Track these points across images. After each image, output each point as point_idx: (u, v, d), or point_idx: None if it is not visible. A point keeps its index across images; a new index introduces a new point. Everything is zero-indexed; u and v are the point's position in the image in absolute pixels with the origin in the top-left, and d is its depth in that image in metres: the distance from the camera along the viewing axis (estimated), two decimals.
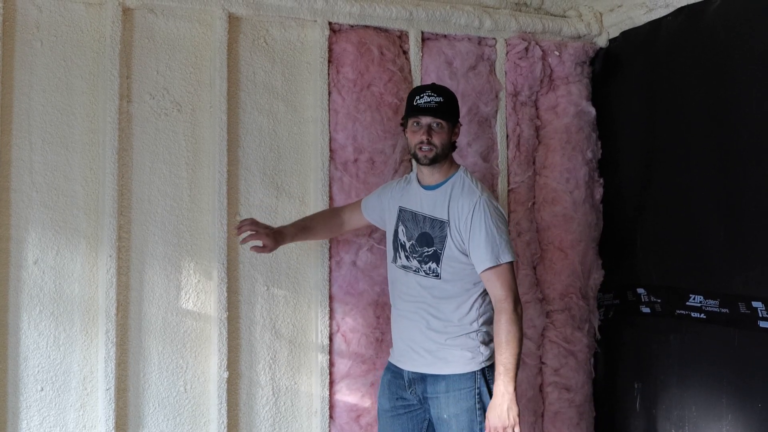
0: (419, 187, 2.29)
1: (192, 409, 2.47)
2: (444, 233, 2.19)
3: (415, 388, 2.23)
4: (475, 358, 2.18)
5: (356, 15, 2.67)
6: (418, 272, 2.24)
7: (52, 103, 2.35)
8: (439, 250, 2.19)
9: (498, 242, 2.12)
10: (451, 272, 2.19)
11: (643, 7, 2.81)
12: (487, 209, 2.15)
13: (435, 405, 2.20)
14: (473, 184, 2.21)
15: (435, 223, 2.21)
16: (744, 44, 2.39)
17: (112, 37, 2.38)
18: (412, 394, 2.24)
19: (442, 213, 2.20)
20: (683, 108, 2.62)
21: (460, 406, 2.15)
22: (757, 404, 2.33)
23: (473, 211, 2.15)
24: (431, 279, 2.21)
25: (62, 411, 2.32)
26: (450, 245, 2.18)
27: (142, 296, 2.42)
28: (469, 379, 2.16)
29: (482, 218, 2.13)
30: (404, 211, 2.29)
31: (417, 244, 2.24)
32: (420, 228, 2.24)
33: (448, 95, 2.25)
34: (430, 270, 2.21)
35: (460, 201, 2.18)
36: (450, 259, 2.18)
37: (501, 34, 2.89)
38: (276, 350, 2.58)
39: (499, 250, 2.12)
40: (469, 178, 2.24)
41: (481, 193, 2.18)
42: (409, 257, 2.25)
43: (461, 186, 2.21)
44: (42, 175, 2.32)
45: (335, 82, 2.66)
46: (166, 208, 2.46)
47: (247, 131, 2.58)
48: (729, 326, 2.41)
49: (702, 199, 2.53)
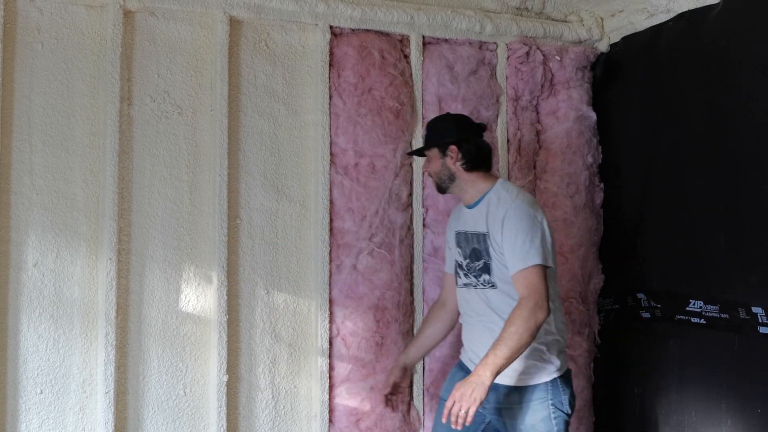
0: (464, 207, 2.36)
1: (191, 412, 2.47)
2: (487, 245, 2.22)
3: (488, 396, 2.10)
4: (547, 369, 2.19)
5: (357, 19, 2.67)
6: (477, 287, 2.27)
7: (52, 106, 2.34)
8: (488, 261, 2.23)
9: (528, 245, 2.11)
10: (502, 281, 2.20)
11: (644, 13, 2.81)
12: (517, 214, 2.15)
13: (509, 415, 2.21)
14: (508, 193, 2.23)
15: (480, 237, 2.25)
16: (745, 50, 2.39)
17: (113, 40, 2.38)
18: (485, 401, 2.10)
19: (482, 226, 2.24)
20: (684, 113, 2.63)
21: (536, 416, 2.17)
22: (757, 410, 2.33)
23: (504, 218, 2.16)
24: (488, 290, 2.24)
25: (61, 414, 2.31)
26: (493, 255, 2.21)
27: (142, 299, 2.41)
28: (541, 390, 2.18)
29: (512, 222, 2.15)
30: (458, 234, 2.36)
31: (470, 260, 2.29)
32: (470, 245, 2.29)
33: (432, 125, 2.39)
34: (486, 282, 2.24)
35: (495, 210, 2.21)
36: (498, 269, 2.21)
37: (502, 38, 2.90)
38: (276, 354, 2.57)
39: (527, 252, 2.11)
40: (506, 189, 2.25)
41: (514, 200, 2.19)
42: (468, 275, 2.30)
43: (497, 198, 2.24)
44: (42, 178, 2.32)
45: (336, 85, 2.66)
46: (167, 211, 2.46)
47: (247, 134, 2.58)
48: (729, 332, 2.41)
49: (702, 205, 2.53)
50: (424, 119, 2.79)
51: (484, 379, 2.00)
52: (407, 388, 2.62)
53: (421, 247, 2.77)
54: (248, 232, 2.56)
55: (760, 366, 2.32)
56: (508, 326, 2.04)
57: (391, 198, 2.69)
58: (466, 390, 2.00)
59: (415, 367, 2.72)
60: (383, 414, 2.63)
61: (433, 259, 2.78)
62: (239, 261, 2.53)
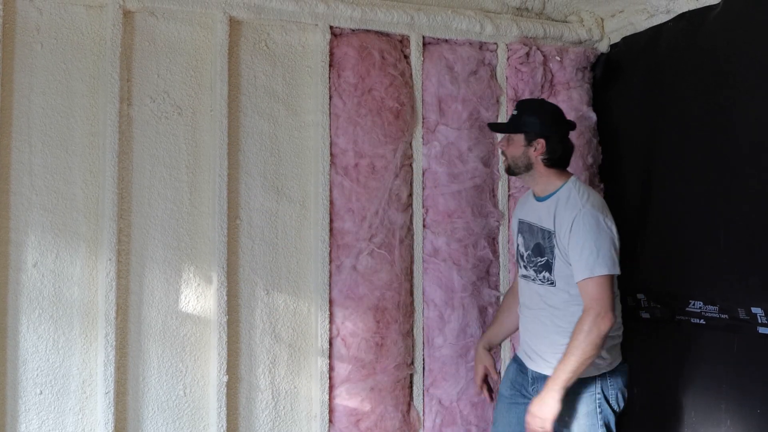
0: (533, 198, 2.34)
1: (191, 412, 2.46)
2: (552, 243, 2.22)
3: (537, 386, 2.26)
4: (596, 364, 2.19)
5: (357, 19, 2.66)
6: (535, 281, 2.28)
7: (52, 106, 2.34)
8: (551, 260, 2.23)
9: (595, 255, 2.11)
10: (564, 280, 2.21)
11: (645, 13, 2.81)
12: (586, 221, 2.14)
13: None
14: (578, 195, 2.21)
15: (545, 234, 2.25)
16: (745, 51, 2.39)
17: (113, 40, 2.38)
18: (534, 391, 2.28)
19: (549, 224, 2.24)
20: (684, 114, 2.62)
21: (581, 409, 2.20)
22: (756, 410, 2.33)
23: (573, 222, 2.16)
24: (547, 287, 2.25)
25: (61, 414, 2.31)
26: (558, 255, 2.21)
27: (142, 300, 2.41)
28: (589, 384, 2.21)
29: (581, 229, 2.14)
30: (522, 223, 2.36)
31: (532, 254, 2.29)
32: (534, 238, 2.28)
33: (525, 109, 2.30)
34: (545, 279, 2.25)
35: (563, 212, 2.20)
36: (560, 269, 2.21)
37: (502, 39, 2.89)
38: (276, 354, 2.57)
39: (595, 262, 2.11)
40: (577, 189, 2.24)
41: (584, 204, 2.18)
42: (527, 267, 2.31)
43: (567, 197, 2.22)
44: (42, 178, 2.32)
45: (336, 86, 2.66)
46: (166, 212, 2.46)
47: (247, 135, 2.58)
48: (728, 332, 2.41)
49: (703, 205, 2.53)
50: (424, 120, 2.79)
51: (553, 395, 2.08)
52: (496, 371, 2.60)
53: (421, 247, 2.77)
54: (248, 233, 2.56)
55: (759, 366, 2.32)
56: (573, 340, 2.10)
57: (391, 198, 2.69)
58: (538, 410, 2.10)
59: (416, 366, 2.73)
60: (383, 414, 2.63)
61: (433, 260, 2.78)
62: (239, 261, 2.53)
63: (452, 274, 2.77)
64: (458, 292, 2.78)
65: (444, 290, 2.77)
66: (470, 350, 2.79)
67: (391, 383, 2.65)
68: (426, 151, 2.79)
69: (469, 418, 2.79)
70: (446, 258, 2.78)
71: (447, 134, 2.80)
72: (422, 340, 2.75)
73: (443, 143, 2.80)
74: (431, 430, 2.74)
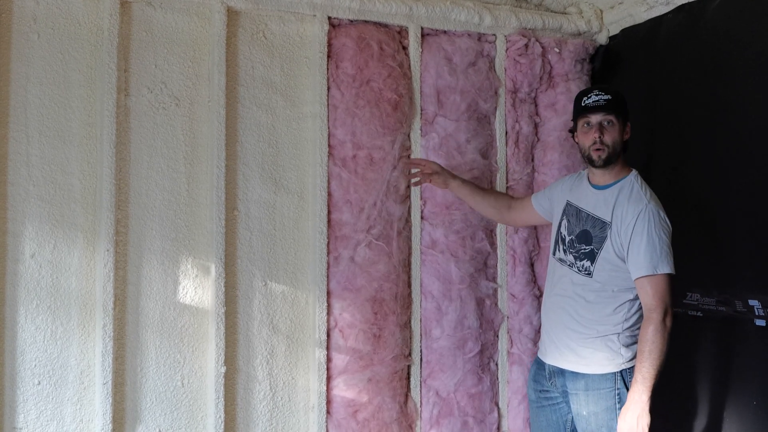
0: (588, 184, 2.31)
1: (189, 403, 2.47)
2: (604, 234, 2.20)
3: (555, 380, 2.28)
4: (615, 360, 2.19)
5: (356, 10, 2.65)
6: (572, 267, 2.26)
7: (49, 96, 2.33)
8: (596, 250, 2.20)
9: (659, 252, 2.11)
10: (603, 274, 2.19)
11: (644, 5, 2.80)
12: (652, 218, 2.13)
13: (575, 401, 2.24)
14: (642, 190, 2.20)
15: (597, 223, 2.22)
16: (744, 42, 2.39)
17: (110, 30, 2.37)
18: (552, 386, 2.30)
19: (606, 214, 2.21)
20: (683, 105, 2.62)
21: (600, 405, 2.19)
22: (752, 402, 2.35)
23: (638, 217, 2.13)
24: (582, 276, 2.23)
25: (59, 405, 2.32)
26: (608, 247, 2.18)
27: (140, 291, 2.41)
28: (609, 380, 2.19)
29: (646, 226, 2.12)
30: (570, 206, 2.32)
31: (576, 240, 2.26)
32: (582, 225, 2.26)
33: (617, 93, 2.25)
34: (583, 268, 2.23)
35: (626, 206, 2.17)
36: (605, 261, 2.19)
37: (501, 30, 2.89)
38: (273, 345, 2.58)
39: (658, 259, 2.11)
40: (639, 183, 2.22)
41: (649, 200, 2.17)
42: (567, 251, 2.28)
43: (630, 190, 2.20)
44: (39, 169, 2.31)
45: (334, 77, 2.65)
46: (164, 203, 2.46)
47: (245, 126, 2.57)
48: (725, 324, 2.42)
49: (700, 197, 2.53)
50: (423, 111, 2.79)
51: (639, 401, 2.06)
52: (426, 170, 2.59)
53: (419, 239, 2.77)
54: (246, 224, 2.55)
55: (755, 358, 2.33)
56: (645, 342, 2.08)
57: (389, 190, 2.69)
58: (629, 421, 2.06)
59: (413, 358, 2.73)
60: (381, 405, 2.64)
61: (431, 252, 2.78)
62: (237, 252, 2.53)
63: (450, 265, 2.77)
64: (456, 283, 2.78)
65: (442, 282, 2.77)
66: (467, 342, 2.79)
67: (389, 374, 2.66)
68: (424, 143, 2.78)
69: (466, 409, 2.80)
70: (444, 250, 2.78)
71: (445, 126, 2.80)
72: (420, 331, 2.76)
73: (441, 135, 2.79)
74: (428, 421, 2.75)
